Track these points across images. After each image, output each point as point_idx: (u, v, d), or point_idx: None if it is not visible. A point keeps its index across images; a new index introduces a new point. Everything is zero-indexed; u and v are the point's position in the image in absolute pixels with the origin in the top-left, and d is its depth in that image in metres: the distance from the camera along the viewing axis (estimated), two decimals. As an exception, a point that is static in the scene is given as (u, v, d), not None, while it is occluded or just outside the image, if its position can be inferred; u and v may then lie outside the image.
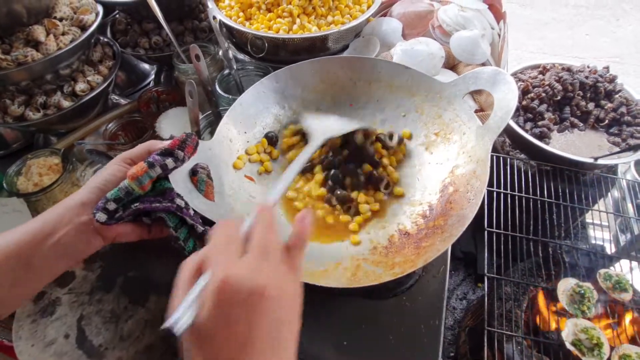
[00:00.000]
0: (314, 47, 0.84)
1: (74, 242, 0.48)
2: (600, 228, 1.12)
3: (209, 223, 0.56)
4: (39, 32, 0.74)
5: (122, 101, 0.99)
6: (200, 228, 0.52)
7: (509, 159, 1.04)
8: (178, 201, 0.51)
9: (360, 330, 0.58)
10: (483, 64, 0.79)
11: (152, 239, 0.55)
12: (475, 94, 0.79)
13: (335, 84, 0.73)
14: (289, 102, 0.73)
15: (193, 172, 0.56)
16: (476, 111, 0.81)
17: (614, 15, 2.62)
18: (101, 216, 0.47)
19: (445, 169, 0.63)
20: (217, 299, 0.31)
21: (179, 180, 0.54)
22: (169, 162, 0.50)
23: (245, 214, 0.63)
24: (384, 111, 0.72)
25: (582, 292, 0.85)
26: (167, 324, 0.31)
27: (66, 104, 0.82)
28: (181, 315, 0.31)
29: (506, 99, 0.58)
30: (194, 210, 0.53)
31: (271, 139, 0.71)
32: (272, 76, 0.71)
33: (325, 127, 0.66)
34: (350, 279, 0.55)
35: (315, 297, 0.60)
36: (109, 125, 0.89)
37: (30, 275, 0.47)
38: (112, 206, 0.48)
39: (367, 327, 0.58)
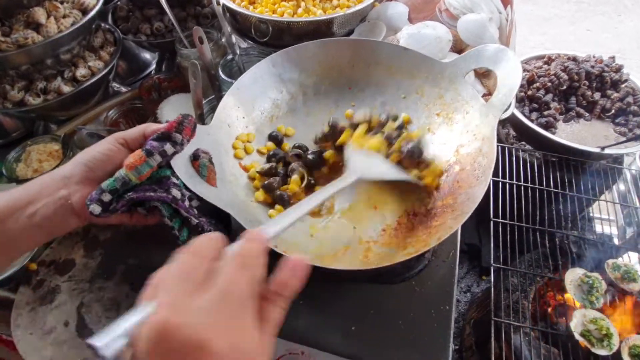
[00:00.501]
0: (319, 32, 0.82)
1: (50, 216, 0.46)
2: (607, 220, 1.11)
3: (207, 213, 0.55)
4: (39, 14, 0.73)
5: (123, 89, 0.98)
6: (194, 220, 0.51)
7: (514, 150, 1.03)
8: (174, 192, 0.49)
9: (369, 315, 0.56)
10: (491, 48, 0.78)
11: (137, 225, 0.54)
12: (483, 78, 0.78)
13: (334, 67, 0.72)
14: (287, 86, 0.71)
15: (194, 157, 0.54)
16: (484, 95, 0.80)
17: (616, 11, 2.61)
18: (95, 208, 0.46)
19: (450, 148, 0.62)
20: (149, 346, 0.26)
21: (180, 164, 0.52)
22: (168, 147, 0.48)
23: (251, 201, 0.61)
24: (384, 94, 0.71)
25: (591, 282, 0.84)
26: (93, 341, 0.27)
27: (66, 89, 0.81)
28: (111, 340, 0.27)
29: (510, 76, 0.57)
30: (189, 201, 0.52)
31: (275, 138, 0.68)
32: (268, 59, 0.69)
33: (366, 166, 0.59)
34: (363, 261, 0.54)
35: (322, 282, 0.59)
36: (110, 113, 0.87)
37: (6, 242, 0.46)
38: (107, 197, 0.46)
39: (376, 312, 0.56)
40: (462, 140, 0.61)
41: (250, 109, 0.68)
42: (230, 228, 0.59)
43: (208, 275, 0.29)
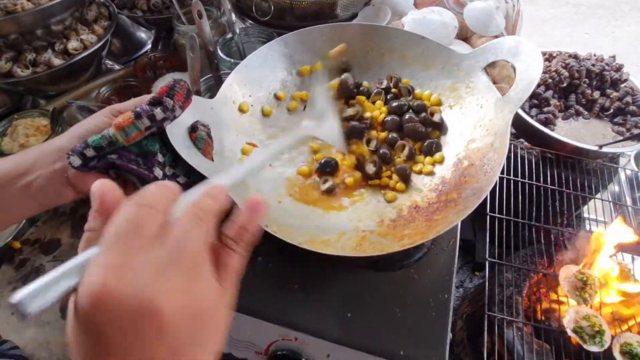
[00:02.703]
0: (322, 13, 0.80)
1: (44, 188, 0.45)
2: (602, 217, 1.11)
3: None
4: (29, -20, 0.70)
5: (117, 67, 0.95)
6: None
7: (512, 146, 1.02)
8: (157, 171, 0.48)
9: (365, 302, 0.55)
10: (497, 37, 0.77)
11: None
12: (487, 66, 0.77)
13: (347, 52, 0.70)
14: (297, 68, 0.69)
15: (192, 129, 0.53)
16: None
17: (614, 15, 2.63)
18: (75, 160, 0.44)
19: (460, 143, 0.60)
20: (84, 315, 0.22)
21: (177, 134, 0.50)
22: (158, 112, 0.46)
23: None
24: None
25: (585, 279, 0.83)
26: (16, 298, 0.22)
27: (57, 62, 0.78)
28: (36, 292, 0.23)
29: (529, 69, 0.56)
30: (173, 178, 0.50)
31: None
32: (281, 40, 0.67)
33: (322, 125, 0.58)
34: (355, 248, 0.52)
35: (318, 267, 0.58)
36: (102, 90, 0.84)
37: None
38: (90, 153, 0.45)
39: (373, 299, 0.55)
40: (473, 135, 0.59)
41: (258, 88, 0.66)
42: None
43: (160, 229, 0.26)
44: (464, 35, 0.78)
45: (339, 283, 0.57)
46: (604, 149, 0.98)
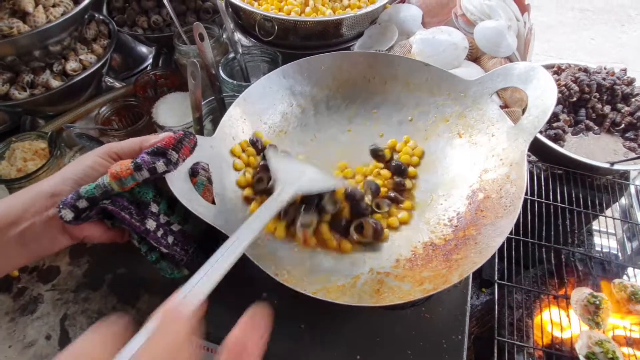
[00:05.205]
0: (327, 33, 0.78)
1: (38, 237, 0.42)
2: (611, 234, 1.09)
3: (191, 237, 0.51)
4: (26, 2, 0.68)
5: (117, 84, 0.93)
6: (164, 250, 0.46)
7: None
8: (149, 223, 0.45)
9: (375, 343, 0.53)
10: (508, 58, 0.74)
11: (111, 241, 0.49)
12: (499, 89, 0.74)
13: (347, 81, 0.68)
14: (298, 100, 0.67)
15: (193, 173, 0.50)
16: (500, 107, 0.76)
17: (619, 20, 2.60)
18: (67, 214, 0.41)
19: (473, 173, 0.57)
20: None
21: (175, 180, 0.46)
22: (160, 165, 0.44)
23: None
24: (401, 111, 0.66)
25: (597, 302, 0.81)
26: None
27: (55, 83, 0.76)
28: None
29: (542, 96, 0.53)
30: (167, 226, 0.47)
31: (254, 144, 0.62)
32: (279, 71, 0.65)
33: (297, 176, 0.53)
34: (374, 296, 0.48)
35: (325, 305, 0.55)
36: (102, 110, 0.82)
37: None
38: (83, 204, 0.42)
39: (383, 340, 0.53)
40: (487, 165, 0.56)
41: (258, 122, 0.64)
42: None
43: None
44: (474, 55, 0.75)
45: (347, 323, 0.54)
46: (616, 166, 0.96)
